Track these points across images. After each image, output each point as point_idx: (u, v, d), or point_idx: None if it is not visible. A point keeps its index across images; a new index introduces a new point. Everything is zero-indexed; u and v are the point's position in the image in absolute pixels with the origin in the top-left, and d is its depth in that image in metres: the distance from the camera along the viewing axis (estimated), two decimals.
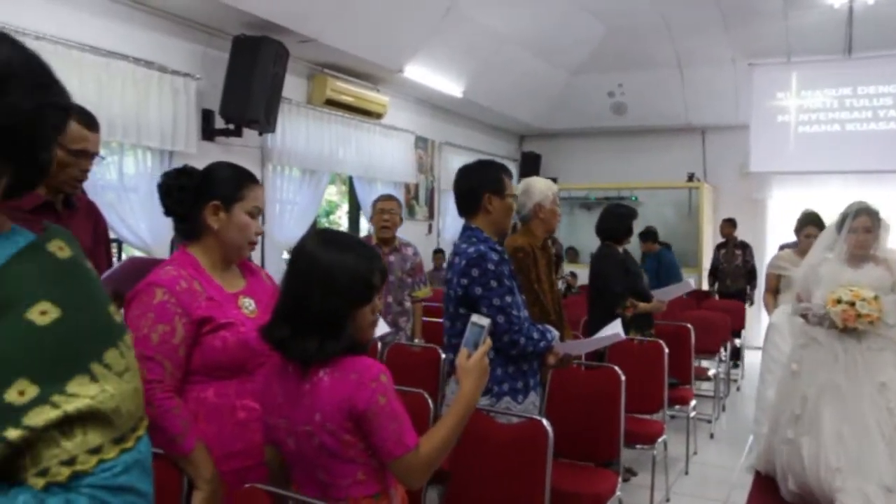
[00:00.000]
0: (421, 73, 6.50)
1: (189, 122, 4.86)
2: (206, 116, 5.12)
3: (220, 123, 5.11)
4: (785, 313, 4.26)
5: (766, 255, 6.13)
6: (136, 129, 4.48)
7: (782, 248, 5.17)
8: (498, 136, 9.48)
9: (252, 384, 1.70)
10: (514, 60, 7.33)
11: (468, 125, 8.56)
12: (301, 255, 1.51)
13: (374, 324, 1.56)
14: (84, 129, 1.99)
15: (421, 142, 7.55)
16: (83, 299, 0.83)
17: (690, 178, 9.02)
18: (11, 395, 0.74)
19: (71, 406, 0.76)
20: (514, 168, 9.26)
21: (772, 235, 8.58)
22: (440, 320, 4.71)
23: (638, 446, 3.69)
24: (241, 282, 1.83)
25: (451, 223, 8.13)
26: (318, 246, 1.50)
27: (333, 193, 9.80)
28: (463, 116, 8.32)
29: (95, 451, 0.78)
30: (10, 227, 0.88)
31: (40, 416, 0.74)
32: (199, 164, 1.81)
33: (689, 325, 4.71)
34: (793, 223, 4.69)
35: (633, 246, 4.82)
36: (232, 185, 1.77)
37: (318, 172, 6.08)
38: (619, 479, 2.96)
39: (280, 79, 5.13)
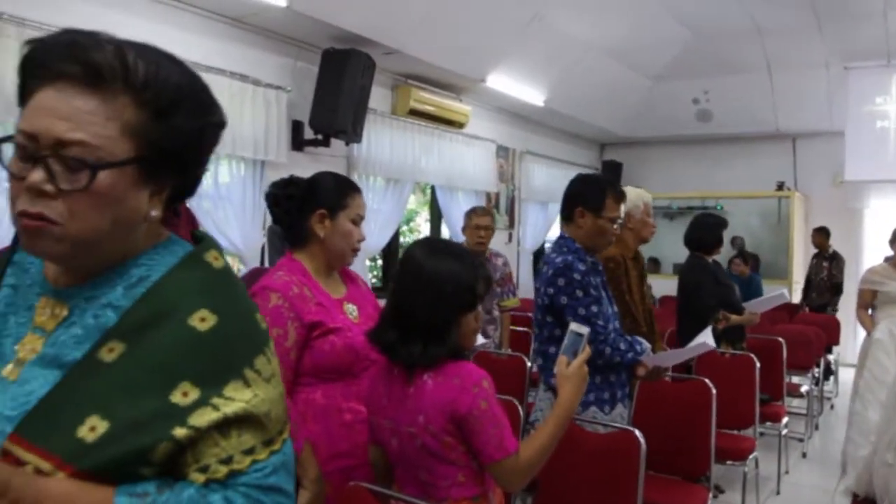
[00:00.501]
0: (503, 82, 6.53)
1: (280, 132, 5.04)
2: (296, 127, 5.29)
3: (308, 134, 5.28)
4: (889, 330, 4.06)
5: (864, 268, 5.87)
6: (231, 140, 4.68)
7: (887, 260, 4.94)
8: (579, 144, 9.41)
9: (357, 387, 1.77)
10: (596, 68, 7.27)
11: (549, 134, 8.54)
12: (409, 262, 1.56)
13: (476, 331, 1.60)
14: None
15: (502, 151, 7.57)
16: (236, 307, 0.90)
17: (780, 186, 8.70)
18: (177, 397, 0.81)
19: (229, 409, 0.82)
20: None
21: (869, 247, 8.18)
22: (526, 329, 4.75)
23: (728, 462, 3.60)
24: (343, 288, 1.90)
25: (531, 232, 8.11)
26: (425, 254, 1.54)
27: (412, 202, 9.94)
28: (544, 125, 8.30)
29: (249, 451, 0.83)
30: (168, 236, 0.96)
31: (203, 417, 0.81)
32: (289, 174, 1.88)
33: (780, 340, 4.55)
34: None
35: (721, 257, 4.70)
36: (336, 194, 1.84)
37: (402, 181, 6.18)
38: (710, 495, 2.89)
39: (367, 90, 5.26)
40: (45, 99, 0.83)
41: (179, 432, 0.80)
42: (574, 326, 1.75)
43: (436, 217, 7.21)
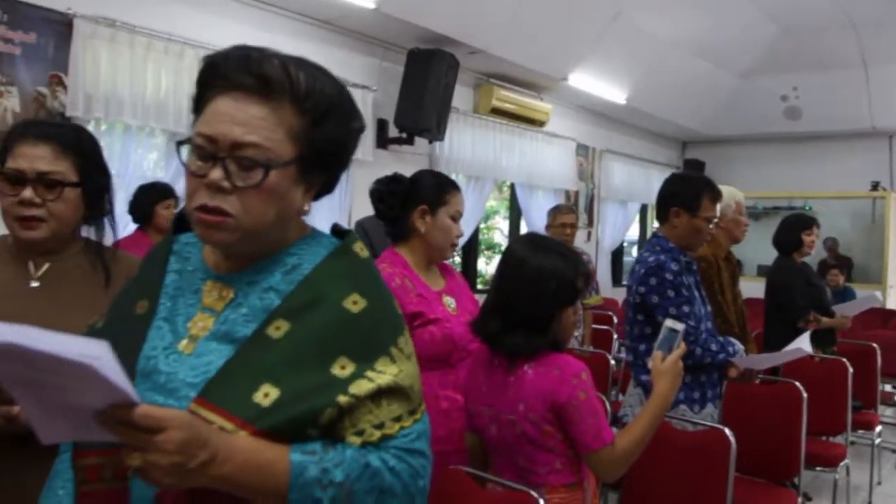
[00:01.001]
0: (585, 80, 6.50)
1: (366, 131, 5.17)
2: (381, 126, 5.43)
3: (393, 132, 5.41)
4: None
5: None
6: None
7: None
8: (660, 142, 9.26)
9: (454, 376, 1.84)
10: (680, 65, 7.15)
11: (629, 132, 8.44)
12: (511, 257, 1.62)
13: (575, 324, 1.65)
14: None
15: (582, 149, 7.54)
16: (381, 292, 1.01)
17: (875, 186, 8.34)
18: (336, 370, 0.91)
19: (381, 380, 0.92)
20: None
21: None
22: (607, 328, 4.75)
23: (818, 469, 3.51)
24: (442, 281, 1.98)
25: (609, 231, 8.04)
26: (527, 250, 1.61)
27: (490, 200, 10.00)
28: (625, 123, 8.21)
29: (397, 419, 0.93)
30: (312, 230, 1.07)
31: (360, 387, 0.91)
32: (374, 171, 1.97)
33: (874, 345, 4.39)
34: None
35: (811, 259, 4.56)
36: (437, 191, 1.92)
37: (483, 179, 6.25)
38: (799, 501, 2.84)
39: (450, 89, 5.34)
40: (222, 106, 0.94)
41: (342, 399, 0.90)
42: (669, 322, 1.78)
43: (515, 215, 7.25)
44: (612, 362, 3.62)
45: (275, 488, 0.86)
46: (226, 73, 0.96)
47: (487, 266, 9.94)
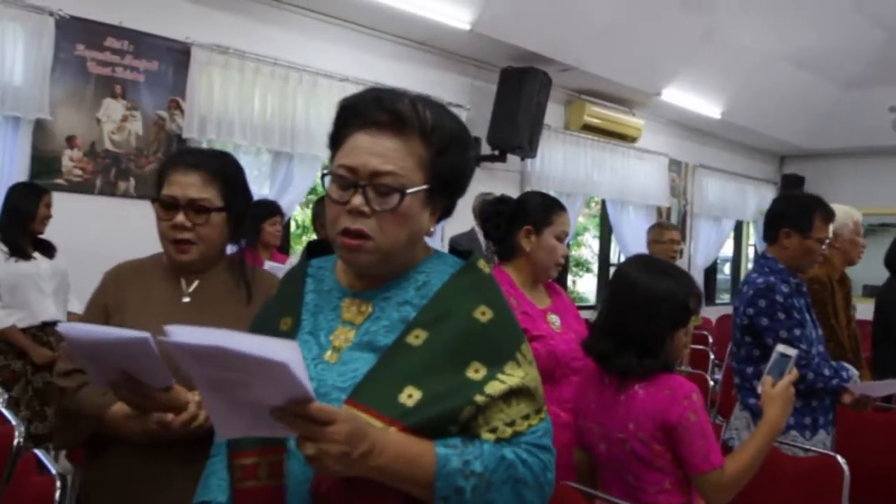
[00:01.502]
0: (678, 95, 6.40)
1: None
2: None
3: (485, 149, 5.47)
4: None
5: None
6: None
7: None
8: (756, 157, 8.97)
9: (557, 392, 1.86)
10: (779, 77, 6.92)
11: (724, 147, 8.22)
12: (623, 279, 1.64)
13: (686, 345, 1.64)
14: None
15: (674, 165, 7.41)
16: (504, 304, 1.09)
17: None
18: (470, 373, 1.00)
19: (511, 382, 1.01)
20: (772, 192, 8.70)
21: None
22: (702, 347, 4.64)
23: None
24: (547, 300, 2.01)
25: (703, 248, 7.84)
26: (638, 271, 1.62)
27: (578, 216, 9.92)
28: (719, 138, 8.01)
29: (526, 417, 1.02)
30: (435, 250, 1.14)
31: (494, 388, 0.99)
32: (469, 189, 1.99)
33: None
34: None
35: None
36: (543, 211, 1.96)
37: (573, 195, 6.23)
38: None
39: (543, 107, 5.38)
40: (360, 141, 1.05)
41: (479, 399, 0.98)
42: (781, 348, 1.75)
43: (606, 232, 7.17)
44: (711, 383, 3.54)
45: (423, 477, 0.95)
46: (362, 111, 1.06)
47: (575, 285, 9.85)
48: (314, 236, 4.52)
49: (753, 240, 9.17)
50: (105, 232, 3.67)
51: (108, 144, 3.83)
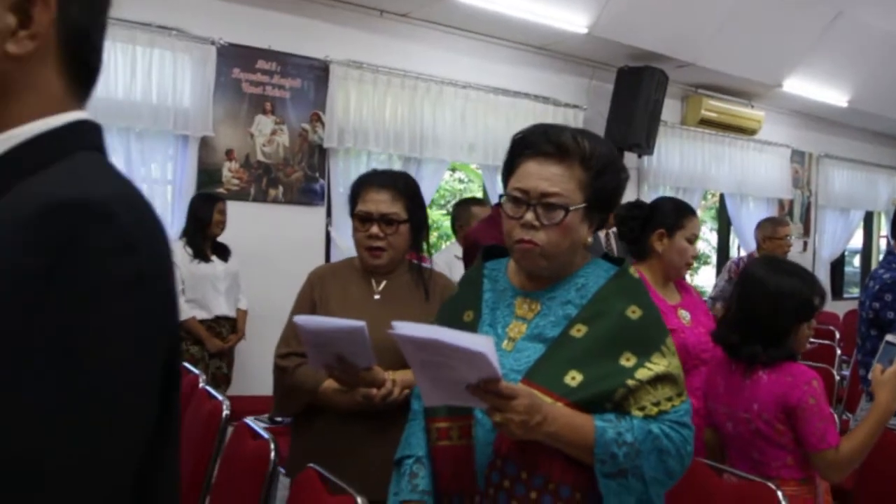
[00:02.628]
0: (801, 85, 6.26)
1: None
2: None
3: None
4: None
5: None
6: None
7: None
8: (888, 144, 8.55)
9: (687, 381, 2.03)
10: None
11: (850, 135, 7.91)
12: (751, 278, 1.81)
13: (809, 337, 1.80)
14: None
15: (797, 155, 7.23)
16: (651, 304, 1.31)
17: None
18: (623, 361, 1.22)
19: (657, 369, 1.22)
20: None
21: None
22: (829, 342, 4.59)
23: None
24: (678, 297, 2.19)
25: (829, 241, 7.60)
26: (765, 271, 1.79)
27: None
28: (845, 126, 7.72)
29: (669, 399, 1.23)
30: (591, 258, 1.37)
31: (643, 374, 1.22)
32: None
33: None
34: None
35: None
36: (674, 215, 2.14)
37: (690, 190, 6.24)
38: None
39: (659, 104, 5.44)
40: (531, 167, 1.30)
41: (630, 382, 1.21)
42: (890, 338, 1.87)
43: (724, 226, 7.11)
44: (837, 378, 3.56)
45: (584, 444, 1.18)
46: (532, 143, 1.31)
47: (692, 279, 9.74)
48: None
49: (886, 230, 8.76)
50: (258, 234, 4.12)
51: (259, 156, 4.26)
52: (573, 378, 1.21)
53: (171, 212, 3.98)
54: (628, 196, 2.22)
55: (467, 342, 1.06)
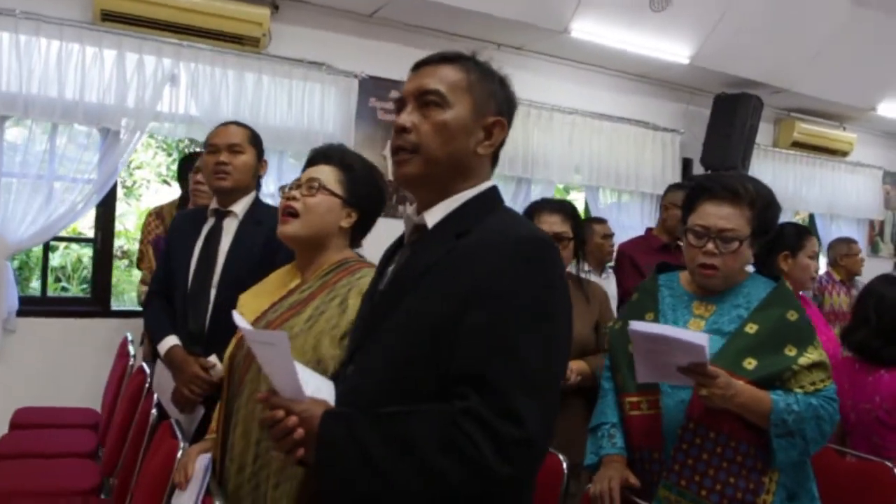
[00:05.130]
0: (895, 108, 6.42)
1: (674, 170, 5.77)
2: (686, 164, 5.96)
3: (697, 170, 5.90)
4: None
5: None
6: (635, 178, 5.55)
7: None
8: None
9: None
10: None
11: None
12: (873, 292, 2.17)
13: None
14: None
15: (889, 176, 7.34)
16: (803, 310, 1.69)
17: None
18: (787, 351, 1.62)
19: (813, 358, 1.61)
20: None
21: None
22: None
23: None
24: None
25: None
26: (885, 287, 2.14)
27: None
28: None
29: (822, 380, 1.62)
30: (749, 274, 1.75)
31: (803, 361, 1.61)
32: None
33: None
34: None
35: None
36: (796, 238, 2.49)
37: (782, 211, 6.44)
38: None
39: (754, 129, 5.71)
40: (709, 208, 1.72)
41: (794, 367, 1.60)
42: None
43: None
44: None
45: (762, 411, 1.57)
46: (710, 189, 1.73)
47: None
48: None
49: None
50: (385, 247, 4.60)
51: (390, 176, 4.74)
52: (749, 363, 1.60)
53: None
54: None
55: (690, 336, 1.48)
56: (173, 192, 7.82)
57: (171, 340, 2.13)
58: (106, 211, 4.21)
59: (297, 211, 1.68)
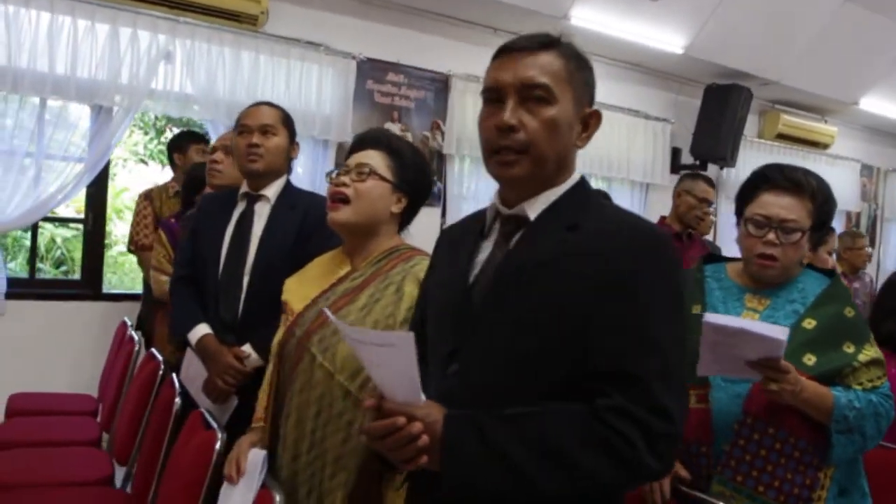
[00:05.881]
0: (876, 103, 6.55)
1: (664, 159, 5.81)
2: (675, 154, 6.00)
3: (686, 159, 5.95)
4: None
5: None
6: (626, 166, 5.57)
7: None
8: None
9: None
10: None
11: None
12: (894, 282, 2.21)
13: None
14: None
15: (866, 169, 7.49)
16: (856, 305, 1.68)
17: None
18: (845, 348, 1.61)
19: (871, 355, 1.61)
20: None
21: None
22: None
23: None
24: None
25: (893, 251, 7.86)
26: None
27: None
28: None
29: (879, 377, 1.61)
30: (802, 268, 1.74)
31: (862, 358, 1.60)
32: (667, 195, 2.53)
33: None
34: None
35: None
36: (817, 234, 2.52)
37: None
38: None
39: (743, 120, 5.77)
40: (769, 198, 1.70)
41: (854, 363, 1.60)
42: None
43: None
44: None
45: (825, 408, 1.56)
46: (771, 178, 1.71)
47: None
48: None
49: None
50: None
51: None
52: (809, 358, 1.60)
53: None
54: None
55: (769, 331, 1.45)
56: (151, 171, 7.69)
57: (202, 329, 2.06)
58: (97, 191, 4.07)
59: (348, 197, 1.63)
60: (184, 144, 3.81)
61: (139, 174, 7.76)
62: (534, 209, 1.17)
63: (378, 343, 1.02)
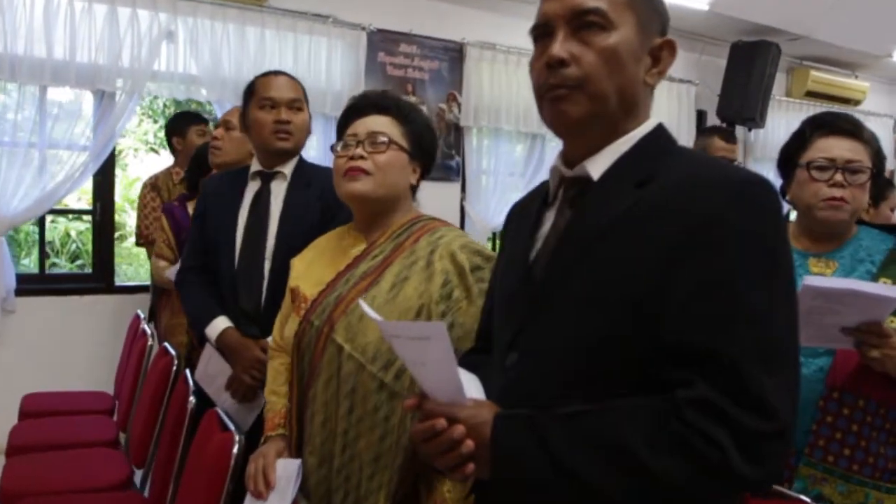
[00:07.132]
0: None
1: (689, 122, 5.57)
2: (700, 116, 5.76)
3: (711, 121, 5.70)
4: None
5: None
6: None
7: None
8: None
9: None
10: None
11: None
12: None
13: None
14: None
15: None
16: None
17: None
18: None
19: None
20: None
21: None
22: None
23: None
24: None
25: None
26: None
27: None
28: None
29: None
30: (859, 228, 1.57)
31: None
32: None
33: None
34: None
35: None
36: (880, 188, 2.31)
37: None
38: None
39: (772, 78, 5.52)
40: (831, 142, 1.55)
41: None
42: None
43: None
44: None
45: None
46: (829, 123, 1.57)
47: None
48: None
49: None
50: None
51: None
52: (892, 321, 1.42)
53: None
54: None
55: (882, 290, 1.31)
56: (162, 160, 7.55)
57: (221, 322, 1.89)
58: (104, 180, 3.93)
59: (369, 171, 1.45)
60: (182, 127, 3.62)
61: (151, 163, 7.64)
62: (597, 167, 0.98)
63: (412, 336, 0.87)
